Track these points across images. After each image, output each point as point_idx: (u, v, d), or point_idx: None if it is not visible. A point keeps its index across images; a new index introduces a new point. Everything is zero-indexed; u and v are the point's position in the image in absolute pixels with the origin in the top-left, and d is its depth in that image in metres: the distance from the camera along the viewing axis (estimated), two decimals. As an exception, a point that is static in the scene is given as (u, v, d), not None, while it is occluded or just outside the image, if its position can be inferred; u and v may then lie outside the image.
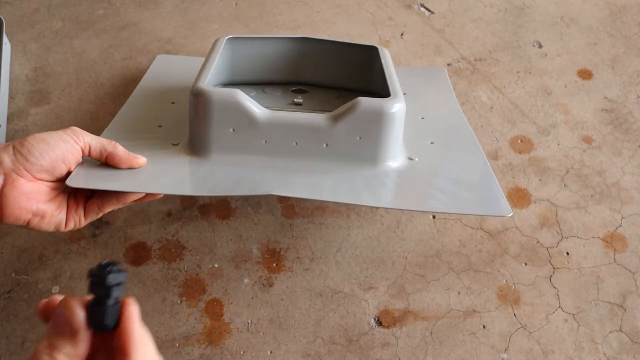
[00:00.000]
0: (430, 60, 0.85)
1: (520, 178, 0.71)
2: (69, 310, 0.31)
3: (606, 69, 0.84)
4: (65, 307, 0.32)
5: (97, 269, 0.32)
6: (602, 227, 0.67)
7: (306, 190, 0.51)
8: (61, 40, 0.87)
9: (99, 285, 0.32)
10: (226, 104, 0.52)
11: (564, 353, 0.57)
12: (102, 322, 0.32)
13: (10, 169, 0.43)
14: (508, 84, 0.82)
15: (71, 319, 0.31)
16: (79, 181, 0.47)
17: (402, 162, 0.56)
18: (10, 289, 0.61)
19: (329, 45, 0.69)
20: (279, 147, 0.54)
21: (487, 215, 0.66)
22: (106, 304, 0.32)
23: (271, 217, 0.67)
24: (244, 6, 0.93)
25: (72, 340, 0.31)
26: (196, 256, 0.64)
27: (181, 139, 0.58)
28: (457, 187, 0.53)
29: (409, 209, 0.51)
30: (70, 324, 0.31)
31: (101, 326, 0.32)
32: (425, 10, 0.93)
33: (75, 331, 0.31)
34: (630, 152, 0.74)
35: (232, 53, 0.68)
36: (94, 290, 0.32)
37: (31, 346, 0.57)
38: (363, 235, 0.66)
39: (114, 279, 0.32)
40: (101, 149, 0.49)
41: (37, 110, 0.77)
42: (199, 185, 0.52)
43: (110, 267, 0.33)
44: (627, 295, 0.62)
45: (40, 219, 0.45)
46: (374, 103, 0.52)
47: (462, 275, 0.63)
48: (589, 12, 0.93)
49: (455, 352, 0.58)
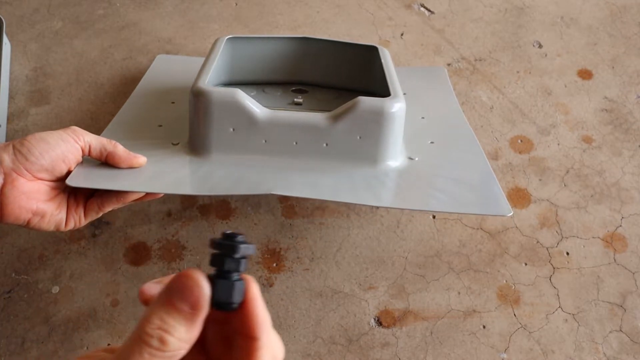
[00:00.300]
0: (430, 60, 0.85)
1: (520, 178, 0.71)
2: (192, 281, 0.26)
3: (606, 69, 0.84)
4: (188, 277, 0.26)
5: (225, 237, 0.28)
6: (602, 227, 0.67)
7: (306, 190, 0.51)
8: (61, 40, 0.87)
9: (227, 255, 0.28)
10: (226, 103, 0.52)
11: (564, 353, 0.57)
12: (228, 298, 0.27)
13: (10, 168, 0.43)
14: (508, 84, 0.82)
15: (195, 292, 0.26)
16: (79, 180, 0.47)
17: (402, 162, 0.56)
18: (10, 289, 0.61)
19: (329, 45, 0.69)
20: (279, 146, 0.54)
21: (488, 215, 0.66)
22: (233, 279, 0.27)
23: (271, 217, 0.67)
24: (244, 6, 0.93)
25: (189, 319, 0.26)
26: (196, 256, 0.64)
27: (181, 138, 0.58)
28: (457, 187, 0.53)
29: (409, 208, 0.51)
30: (192, 298, 0.26)
31: (226, 304, 0.27)
32: (425, 10, 0.93)
33: (197, 308, 0.26)
34: (630, 152, 0.74)
35: (232, 53, 0.68)
36: (220, 261, 0.28)
37: (31, 346, 0.57)
38: (363, 235, 0.66)
39: (245, 250, 0.28)
40: (101, 149, 0.49)
41: (37, 110, 0.77)
42: (199, 185, 0.52)
43: (239, 237, 0.28)
44: (627, 295, 0.61)
45: (40, 219, 0.45)
46: (374, 102, 0.52)
47: (462, 275, 0.63)
48: (589, 12, 0.93)
49: (455, 352, 0.58)
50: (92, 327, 0.58)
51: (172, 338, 0.25)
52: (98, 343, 0.57)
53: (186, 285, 0.26)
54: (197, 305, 0.26)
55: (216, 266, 0.28)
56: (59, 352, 0.57)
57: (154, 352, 0.25)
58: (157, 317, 0.25)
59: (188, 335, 0.26)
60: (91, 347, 0.57)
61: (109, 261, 0.63)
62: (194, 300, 0.26)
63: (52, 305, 0.60)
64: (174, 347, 0.25)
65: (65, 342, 0.57)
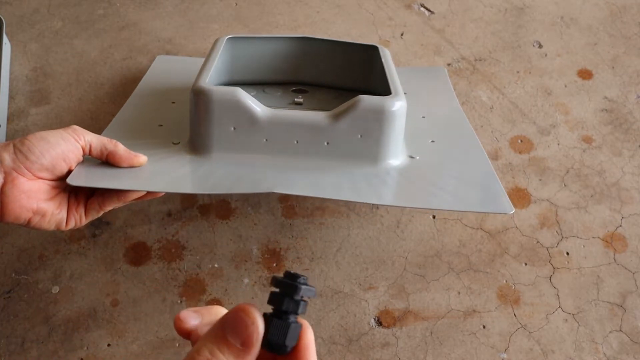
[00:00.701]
0: (430, 60, 0.85)
1: (520, 178, 0.71)
2: (248, 317, 0.26)
3: (606, 69, 0.84)
4: (244, 313, 0.26)
5: (288, 276, 0.27)
6: (602, 227, 0.67)
7: (307, 188, 0.51)
8: (61, 40, 0.87)
9: (287, 295, 0.27)
10: (227, 102, 0.52)
11: (564, 353, 0.57)
12: (282, 340, 0.26)
13: (11, 167, 0.43)
14: (508, 84, 0.82)
15: (249, 329, 0.25)
16: (80, 180, 0.47)
17: (403, 161, 0.56)
18: (10, 289, 0.61)
19: (329, 45, 0.69)
20: (279, 145, 0.54)
21: (489, 213, 0.66)
22: (290, 320, 0.27)
23: (271, 217, 0.67)
24: (244, 6, 0.93)
25: (239, 356, 0.25)
26: (196, 256, 0.64)
27: (182, 138, 0.58)
28: (458, 185, 0.53)
29: (410, 206, 0.51)
30: (245, 335, 0.25)
31: (279, 346, 0.26)
32: (425, 10, 0.93)
33: (249, 346, 0.25)
34: (630, 152, 0.74)
35: (232, 53, 0.68)
36: (279, 301, 0.27)
37: (31, 346, 0.57)
38: (363, 235, 0.66)
39: (307, 292, 0.27)
40: (102, 148, 0.49)
41: (37, 110, 0.77)
42: (200, 184, 0.52)
43: (301, 278, 0.27)
44: (627, 295, 0.61)
45: (40, 218, 0.45)
46: (375, 101, 0.52)
47: (462, 275, 0.63)
48: (589, 12, 0.93)
49: (455, 352, 0.58)
50: (92, 327, 0.58)
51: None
52: (98, 343, 0.57)
53: (241, 321, 0.25)
54: (249, 342, 0.25)
55: (274, 305, 0.27)
56: (59, 352, 0.57)
57: None
58: (207, 349, 0.25)
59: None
60: (91, 347, 0.57)
61: (109, 261, 0.63)
62: (247, 338, 0.25)
63: (52, 305, 0.60)
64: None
65: (65, 342, 0.57)
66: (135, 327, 0.58)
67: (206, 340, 0.25)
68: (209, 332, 0.26)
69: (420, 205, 0.50)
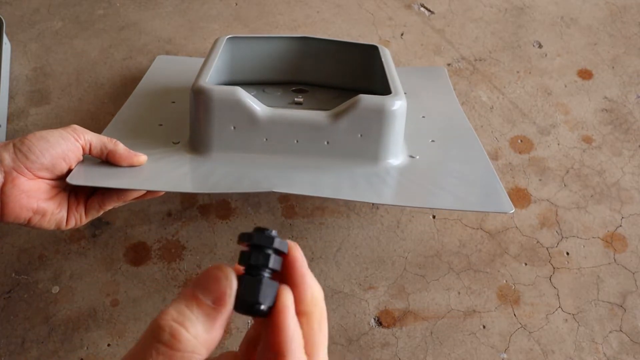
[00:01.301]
0: (430, 60, 0.85)
1: (520, 178, 0.71)
2: (220, 272, 0.23)
3: (606, 69, 0.84)
4: (215, 269, 0.24)
5: (257, 230, 0.25)
6: (602, 227, 0.67)
7: (307, 187, 0.51)
8: (61, 40, 0.87)
9: (258, 249, 0.25)
10: (227, 101, 0.52)
11: (564, 353, 0.57)
12: (254, 297, 0.23)
13: (11, 167, 0.43)
14: (508, 84, 0.82)
15: (222, 284, 0.23)
16: (80, 179, 0.47)
17: (403, 160, 0.56)
18: (10, 289, 0.61)
19: (329, 45, 0.69)
20: (279, 144, 0.54)
21: (489, 212, 0.66)
22: (263, 276, 0.24)
23: (271, 217, 0.67)
24: (244, 6, 0.93)
25: (210, 316, 0.23)
26: (196, 256, 0.64)
27: (182, 137, 0.58)
28: (458, 185, 0.53)
29: (410, 205, 0.51)
30: (216, 291, 0.23)
31: (252, 304, 0.24)
32: (425, 10, 0.93)
33: (220, 304, 0.23)
34: (630, 152, 0.74)
35: (232, 53, 0.68)
36: (248, 256, 0.25)
37: (31, 346, 0.57)
38: (363, 235, 0.65)
39: (280, 246, 0.25)
40: (102, 147, 0.49)
41: (37, 110, 0.77)
42: (200, 183, 0.52)
43: (270, 230, 0.25)
44: (627, 295, 0.61)
45: (41, 217, 0.45)
46: (375, 100, 0.52)
47: (462, 275, 0.63)
48: (589, 12, 0.93)
49: (455, 352, 0.58)
50: (92, 327, 0.58)
51: (186, 334, 0.22)
52: (98, 343, 0.57)
53: (212, 277, 0.23)
54: (222, 300, 0.23)
55: (244, 262, 0.25)
56: (59, 352, 0.57)
57: (164, 349, 0.21)
58: (175, 310, 0.23)
59: (206, 334, 0.23)
60: (91, 347, 0.57)
61: (109, 261, 0.63)
62: (219, 294, 0.23)
63: (52, 305, 0.60)
64: (188, 347, 0.22)
65: (65, 342, 0.57)
66: (135, 327, 0.58)
67: (175, 300, 0.23)
68: (180, 292, 0.24)
69: (420, 205, 0.50)
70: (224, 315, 0.23)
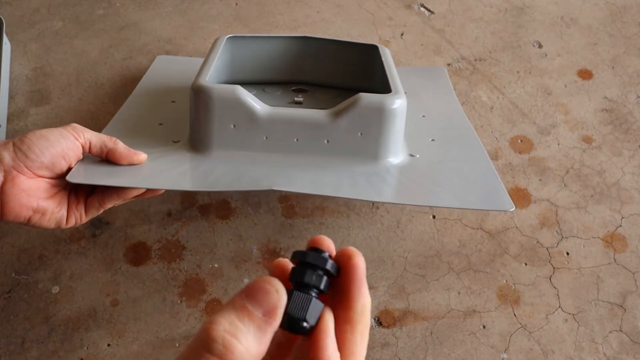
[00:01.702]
0: (430, 60, 0.85)
1: (520, 178, 0.71)
2: (272, 286, 0.24)
3: (606, 69, 0.84)
4: (267, 282, 0.24)
5: (312, 250, 0.26)
6: (602, 227, 0.67)
7: (307, 186, 0.51)
8: (61, 40, 0.87)
9: (311, 268, 0.25)
10: (227, 100, 0.52)
11: (564, 353, 0.57)
12: (302, 314, 0.24)
13: (11, 166, 0.43)
14: (508, 84, 0.82)
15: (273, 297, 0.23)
16: (80, 177, 0.47)
17: (403, 159, 0.56)
18: (10, 289, 0.61)
19: (329, 45, 0.69)
20: (279, 143, 0.54)
21: (490, 210, 0.66)
22: (312, 296, 0.24)
23: (271, 217, 0.67)
24: (244, 6, 0.93)
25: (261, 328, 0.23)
26: (196, 256, 0.63)
27: (182, 136, 0.58)
28: (458, 183, 0.53)
29: (410, 203, 0.51)
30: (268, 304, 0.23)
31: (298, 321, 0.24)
32: (425, 10, 0.93)
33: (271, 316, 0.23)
34: (630, 152, 0.74)
35: (232, 52, 0.68)
36: (302, 273, 0.25)
37: (31, 346, 0.57)
38: (363, 235, 0.65)
39: (332, 268, 0.25)
40: (101, 145, 0.49)
41: (37, 110, 0.77)
42: (200, 181, 0.52)
43: (325, 253, 0.26)
44: (627, 295, 0.61)
45: (41, 216, 0.45)
46: (375, 99, 0.52)
47: (462, 275, 0.63)
48: (589, 12, 0.93)
49: (455, 352, 0.58)
50: (92, 327, 0.58)
51: (239, 346, 0.22)
52: (98, 343, 0.57)
53: (264, 289, 0.23)
54: (272, 313, 0.23)
55: (295, 279, 0.25)
56: (59, 352, 0.57)
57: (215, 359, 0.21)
58: (226, 320, 0.22)
59: (257, 347, 0.23)
60: (91, 347, 0.57)
61: (109, 261, 0.63)
62: (270, 307, 0.23)
63: (52, 305, 0.60)
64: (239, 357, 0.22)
65: (65, 342, 0.57)
66: (135, 327, 0.58)
67: (225, 310, 0.23)
68: (229, 302, 0.24)
69: (420, 203, 0.50)
70: (272, 328, 0.23)
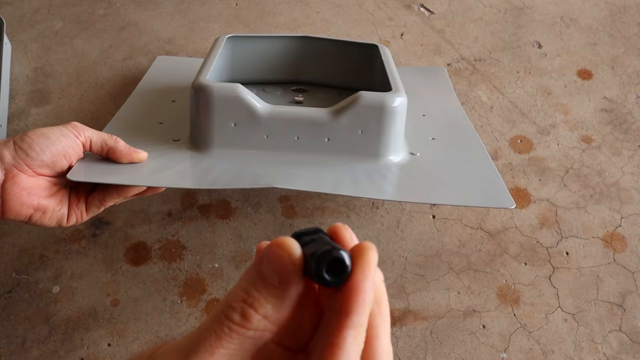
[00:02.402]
0: (430, 60, 0.86)
1: (520, 178, 0.71)
2: (284, 249, 0.22)
3: (606, 69, 0.84)
4: (279, 245, 0.22)
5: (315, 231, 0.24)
6: (602, 227, 0.67)
7: (308, 183, 0.51)
8: (61, 40, 0.87)
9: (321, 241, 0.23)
10: (227, 98, 0.52)
11: (564, 353, 0.57)
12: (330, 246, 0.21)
13: (11, 164, 0.43)
14: (508, 84, 0.82)
15: (285, 263, 0.22)
16: (80, 175, 0.47)
17: (403, 157, 0.56)
18: (10, 288, 0.61)
19: (329, 44, 0.69)
20: (280, 141, 0.54)
21: (490, 207, 0.66)
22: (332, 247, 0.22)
23: (271, 217, 0.67)
24: (244, 6, 0.93)
25: (278, 296, 0.22)
26: (196, 256, 0.64)
27: (182, 135, 0.58)
28: (459, 180, 0.53)
29: (411, 201, 0.51)
30: (282, 270, 0.22)
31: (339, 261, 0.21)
32: (425, 10, 0.93)
33: (287, 279, 0.22)
34: (630, 152, 0.74)
35: (232, 52, 0.68)
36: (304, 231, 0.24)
37: (32, 346, 0.57)
38: (363, 235, 0.66)
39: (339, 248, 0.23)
40: (102, 144, 0.49)
41: (38, 111, 0.77)
42: (200, 179, 0.52)
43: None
44: (627, 295, 0.61)
45: (41, 215, 0.45)
46: (376, 97, 0.53)
47: (462, 275, 0.63)
48: (589, 12, 0.93)
49: (455, 352, 0.58)
50: (93, 326, 0.58)
51: (256, 315, 0.22)
52: (98, 343, 0.57)
53: (276, 255, 0.22)
54: (287, 279, 0.22)
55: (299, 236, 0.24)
56: (60, 352, 0.57)
57: (235, 327, 0.22)
58: (243, 289, 0.22)
59: (276, 313, 0.22)
60: (91, 346, 0.57)
61: (109, 261, 0.63)
62: (283, 274, 0.22)
63: (53, 305, 0.60)
64: (258, 326, 0.22)
65: (66, 341, 0.57)
66: (135, 327, 0.58)
67: (241, 280, 0.23)
68: (245, 272, 0.23)
69: (421, 200, 0.50)
70: (291, 293, 0.23)
